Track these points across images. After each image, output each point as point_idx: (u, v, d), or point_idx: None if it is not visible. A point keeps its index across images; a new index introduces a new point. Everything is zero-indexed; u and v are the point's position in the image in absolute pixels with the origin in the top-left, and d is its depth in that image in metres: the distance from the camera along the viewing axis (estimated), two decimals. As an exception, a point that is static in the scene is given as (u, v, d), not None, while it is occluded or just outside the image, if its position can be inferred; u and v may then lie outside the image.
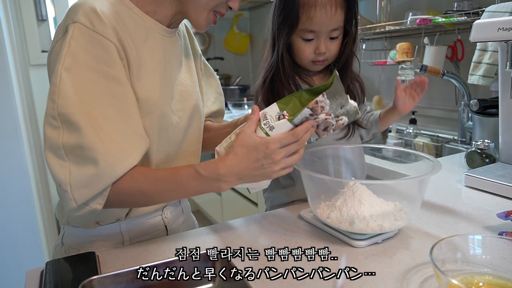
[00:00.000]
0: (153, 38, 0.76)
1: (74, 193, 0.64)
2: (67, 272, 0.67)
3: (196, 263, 0.66)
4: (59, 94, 0.63)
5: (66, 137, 0.64)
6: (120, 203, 0.71)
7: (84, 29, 0.65)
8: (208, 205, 3.00)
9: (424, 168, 0.76)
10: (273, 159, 0.65)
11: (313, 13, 0.85)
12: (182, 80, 0.84)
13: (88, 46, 0.65)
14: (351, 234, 0.74)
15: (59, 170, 0.64)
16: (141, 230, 0.85)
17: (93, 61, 0.65)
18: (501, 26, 0.95)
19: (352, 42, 0.93)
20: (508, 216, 0.75)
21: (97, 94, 0.65)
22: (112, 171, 0.65)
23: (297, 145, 0.67)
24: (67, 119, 0.63)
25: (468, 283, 0.58)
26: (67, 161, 0.64)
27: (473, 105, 1.27)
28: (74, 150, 0.64)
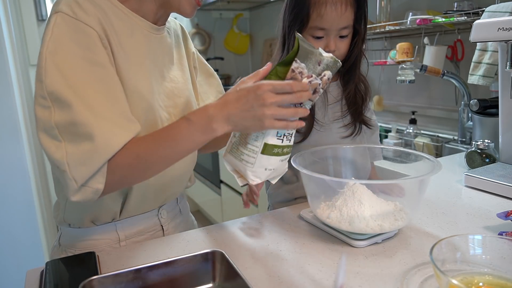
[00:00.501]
0: (139, 34, 0.76)
1: (73, 172, 0.63)
2: (67, 272, 0.67)
3: (196, 263, 0.66)
4: (45, 74, 0.63)
5: (58, 115, 0.63)
6: (121, 178, 0.69)
7: (66, 18, 0.65)
8: (208, 205, 3.00)
9: (424, 168, 0.76)
10: (263, 99, 0.62)
11: (324, 10, 0.86)
12: (173, 77, 0.84)
13: (71, 33, 0.65)
14: (351, 234, 0.74)
15: (55, 151, 0.63)
16: (137, 230, 0.85)
17: (76, 47, 0.65)
18: (501, 26, 0.95)
19: (361, 41, 0.94)
20: (508, 216, 0.75)
21: (82, 77, 0.65)
22: (108, 145, 0.64)
23: (292, 97, 0.63)
24: (57, 96, 0.63)
25: (468, 283, 0.58)
26: (62, 140, 0.63)
27: (473, 105, 1.27)
28: (67, 128, 0.63)
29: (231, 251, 0.73)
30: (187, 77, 0.89)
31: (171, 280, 0.64)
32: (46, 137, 0.64)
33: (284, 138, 0.67)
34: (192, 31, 3.14)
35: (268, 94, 0.62)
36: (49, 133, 0.64)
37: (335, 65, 0.66)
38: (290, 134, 0.68)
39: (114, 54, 0.70)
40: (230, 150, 0.70)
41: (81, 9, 0.67)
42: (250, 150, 0.67)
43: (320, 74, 0.65)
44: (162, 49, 0.82)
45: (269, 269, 0.67)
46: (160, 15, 0.79)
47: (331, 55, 0.65)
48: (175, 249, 0.76)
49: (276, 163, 0.68)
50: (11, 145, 1.74)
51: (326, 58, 0.64)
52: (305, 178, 0.80)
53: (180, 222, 0.95)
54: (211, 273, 0.66)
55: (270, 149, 0.66)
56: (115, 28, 0.71)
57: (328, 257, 0.70)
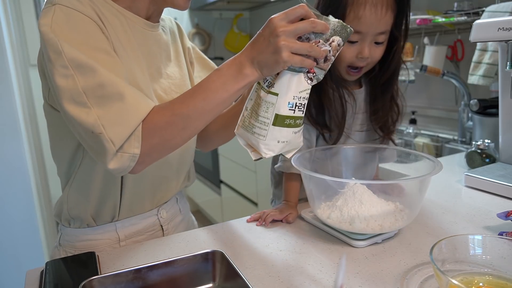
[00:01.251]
0: (134, 30, 0.76)
1: (109, 133, 0.62)
2: (67, 272, 0.67)
3: (196, 263, 0.66)
4: (62, 46, 0.63)
5: (83, 80, 0.62)
6: (160, 141, 0.66)
7: (64, 9, 0.65)
8: (208, 205, 3.00)
9: (424, 168, 0.76)
10: (276, 30, 0.58)
11: (362, 12, 0.78)
12: (170, 74, 0.84)
13: (71, 23, 0.65)
14: (351, 234, 0.74)
15: (86, 117, 0.62)
16: (136, 230, 0.85)
17: (78, 35, 0.65)
18: (501, 26, 0.95)
19: (401, 50, 0.86)
20: (508, 216, 0.75)
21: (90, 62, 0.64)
22: (140, 105, 0.64)
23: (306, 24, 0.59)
24: (79, 63, 0.62)
25: (468, 283, 0.58)
26: (91, 106, 0.62)
27: (473, 105, 1.27)
28: (96, 91, 0.62)
29: (231, 251, 0.73)
30: (184, 73, 0.89)
31: (171, 280, 0.64)
32: (74, 106, 0.63)
33: (296, 109, 0.64)
34: (192, 31, 3.14)
35: (280, 23, 0.59)
36: (76, 100, 0.62)
37: (344, 30, 0.61)
38: (302, 104, 0.65)
39: (113, 46, 0.70)
40: (242, 124, 0.67)
41: (79, 1, 0.67)
42: (261, 122, 0.64)
43: (328, 40, 0.61)
44: (158, 46, 0.82)
45: (269, 269, 0.67)
46: (153, 11, 0.79)
47: (338, 20, 0.61)
48: (175, 249, 0.76)
49: (289, 135, 0.65)
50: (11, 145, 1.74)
51: (333, 22, 0.61)
52: (305, 178, 0.80)
53: (180, 222, 0.95)
54: (211, 273, 0.66)
55: (282, 120, 0.63)
56: (111, 23, 0.71)
57: (328, 257, 0.70)
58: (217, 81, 0.64)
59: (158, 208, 0.88)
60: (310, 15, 0.59)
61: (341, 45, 0.62)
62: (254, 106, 0.65)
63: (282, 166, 0.92)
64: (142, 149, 0.65)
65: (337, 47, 0.62)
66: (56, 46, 0.63)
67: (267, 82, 0.64)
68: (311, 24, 0.58)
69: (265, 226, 0.83)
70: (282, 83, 0.62)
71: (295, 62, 0.60)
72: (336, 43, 0.62)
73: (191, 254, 0.66)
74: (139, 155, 0.65)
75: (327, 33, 0.60)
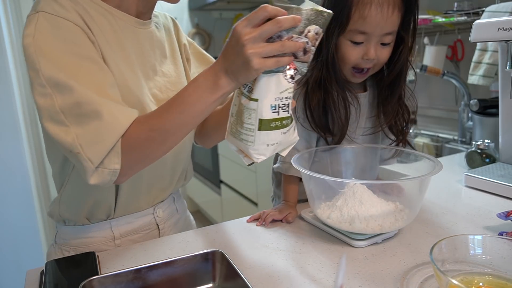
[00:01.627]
0: (123, 29, 0.75)
1: (87, 152, 0.62)
2: (67, 272, 0.67)
3: (196, 263, 0.66)
4: (39, 62, 0.63)
5: (60, 99, 0.63)
6: (140, 155, 0.67)
7: (48, 16, 0.65)
8: (208, 205, 3.00)
9: (424, 168, 0.76)
10: (241, 40, 0.56)
11: (368, 11, 0.75)
12: (166, 71, 0.83)
13: (54, 30, 0.65)
14: (351, 234, 0.74)
15: (65, 136, 0.63)
16: (132, 228, 0.85)
17: (61, 43, 0.65)
18: (501, 26, 0.95)
19: (408, 51, 0.83)
20: (508, 216, 0.75)
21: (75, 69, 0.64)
22: (118, 121, 0.64)
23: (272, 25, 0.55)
24: (56, 81, 0.62)
25: (468, 283, 0.58)
26: (69, 124, 0.63)
27: (473, 105, 1.27)
28: (73, 110, 0.63)
29: (231, 251, 0.73)
30: (180, 70, 0.88)
31: (171, 280, 0.64)
32: (53, 124, 0.63)
33: (280, 110, 0.61)
34: (192, 31, 3.14)
35: (244, 31, 0.56)
36: (55, 119, 0.63)
37: (320, 17, 0.58)
38: (286, 104, 0.62)
39: (101, 49, 0.70)
40: (230, 131, 0.66)
41: (61, 6, 0.66)
42: (246, 129, 0.62)
43: (303, 31, 0.58)
44: (151, 43, 0.81)
45: (269, 269, 0.67)
46: (143, 7, 0.78)
47: (311, 6, 0.57)
48: (175, 249, 0.76)
49: (278, 137, 0.63)
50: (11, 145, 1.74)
51: (306, 12, 0.57)
52: (305, 178, 0.80)
53: (177, 221, 0.95)
54: (211, 273, 0.66)
55: (267, 124, 0.61)
56: (98, 24, 0.70)
57: (328, 257, 0.70)
58: (193, 93, 0.63)
59: (154, 207, 0.88)
60: (275, 14, 0.55)
61: (320, 33, 0.59)
62: (238, 113, 0.63)
63: (281, 167, 0.91)
64: (123, 163, 0.65)
65: (315, 36, 0.59)
66: (34, 64, 0.63)
67: (247, 87, 0.61)
68: (277, 24, 0.55)
69: (265, 226, 0.83)
70: (260, 87, 0.60)
71: (269, 66, 0.57)
72: (313, 32, 0.58)
73: (191, 254, 0.66)
74: (119, 169, 0.65)
75: (299, 25, 0.57)
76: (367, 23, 0.76)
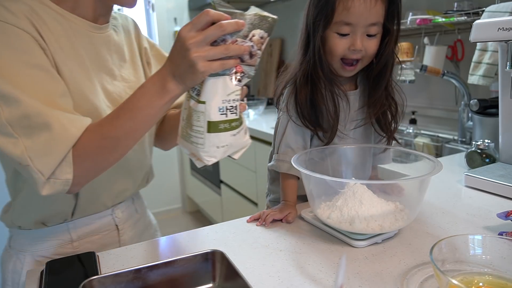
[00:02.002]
0: (78, 34, 0.74)
1: (36, 165, 0.61)
2: (67, 272, 0.67)
3: (196, 263, 0.66)
4: None
5: (7, 112, 0.61)
6: (92, 163, 0.67)
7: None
8: (208, 205, 3.00)
9: (424, 168, 0.76)
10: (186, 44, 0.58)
11: (351, 3, 0.78)
12: (125, 76, 0.83)
13: (3, 38, 0.63)
14: (351, 234, 0.74)
15: (14, 148, 0.61)
16: (89, 230, 0.84)
17: (10, 51, 0.63)
18: (501, 26, 0.95)
19: (393, 42, 0.85)
20: (508, 216, 0.75)
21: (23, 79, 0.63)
22: (68, 132, 0.63)
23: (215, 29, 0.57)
24: (2, 94, 0.61)
25: (468, 283, 0.58)
26: (17, 137, 0.61)
27: (473, 105, 1.27)
28: (21, 122, 0.61)
29: (231, 251, 0.73)
30: (140, 74, 0.87)
31: (171, 280, 0.64)
32: (1, 136, 0.62)
33: (228, 112, 0.62)
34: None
35: (188, 35, 0.57)
36: (2, 132, 0.62)
37: (264, 21, 0.60)
38: (234, 107, 0.63)
39: (53, 55, 0.68)
40: (181, 134, 0.67)
41: (9, 12, 0.64)
42: (196, 131, 0.63)
43: (248, 35, 0.60)
44: (108, 48, 0.79)
45: (269, 269, 0.67)
46: (100, 11, 0.76)
47: (255, 12, 0.60)
48: (175, 249, 0.76)
49: (228, 139, 0.64)
50: None
51: (249, 17, 0.59)
52: (305, 178, 0.80)
53: (137, 221, 0.94)
54: (211, 273, 0.66)
55: (215, 126, 0.62)
56: (50, 29, 0.69)
57: (328, 257, 0.70)
58: (141, 99, 0.63)
59: (113, 208, 0.87)
60: (218, 19, 0.57)
61: (265, 37, 0.62)
62: (188, 116, 0.64)
63: (275, 165, 0.91)
64: (75, 173, 0.64)
65: (260, 40, 0.61)
66: None
67: (196, 90, 0.63)
68: (220, 28, 0.57)
69: (265, 226, 0.84)
70: (207, 90, 0.61)
71: (215, 68, 0.59)
72: (257, 36, 0.60)
73: (191, 254, 0.66)
74: (72, 179, 0.64)
75: (243, 29, 0.59)
76: (351, 14, 0.79)
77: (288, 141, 0.89)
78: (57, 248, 0.81)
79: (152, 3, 3.02)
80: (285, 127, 0.90)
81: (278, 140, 0.92)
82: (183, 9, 3.14)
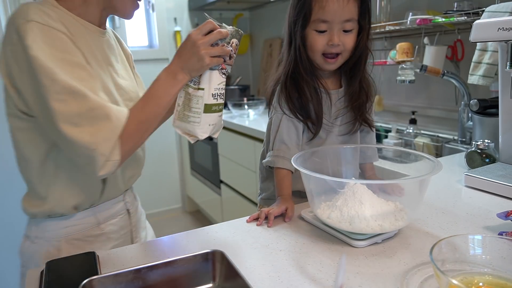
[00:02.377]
0: (92, 38, 0.83)
1: (101, 149, 0.72)
2: (67, 272, 0.67)
3: (196, 263, 0.66)
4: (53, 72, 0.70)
5: (75, 105, 0.71)
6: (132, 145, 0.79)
7: (40, 26, 0.71)
8: (208, 205, 3.00)
9: (424, 168, 0.76)
10: (196, 43, 0.76)
11: (325, 2, 0.88)
12: (124, 75, 0.94)
13: (47, 39, 0.71)
14: (351, 234, 0.74)
15: (82, 136, 0.72)
16: (109, 214, 0.93)
17: (56, 53, 0.72)
18: (501, 26, 0.95)
19: (366, 37, 0.95)
20: (508, 216, 0.75)
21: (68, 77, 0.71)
22: (119, 121, 0.75)
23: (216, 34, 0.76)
24: (72, 90, 0.71)
25: (468, 283, 0.58)
26: (84, 125, 0.72)
27: (473, 105, 1.27)
28: (87, 114, 0.72)
29: (231, 251, 0.73)
30: (130, 74, 0.99)
31: (171, 280, 0.64)
32: (69, 126, 0.71)
33: (218, 98, 0.81)
34: (192, 31, 3.14)
35: (198, 37, 0.76)
36: (71, 122, 0.71)
37: (237, 33, 0.80)
38: (221, 94, 0.81)
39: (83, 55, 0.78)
40: (177, 117, 0.82)
41: (49, 16, 0.73)
42: (194, 112, 0.80)
43: (229, 42, 0.79)
44: (110, 51, 0.90)
45: (269, 269, 0.67)
46: (103, 18, 0.87)
47: (232, 26, 0.79)
48: (175, 249, 0.76)
49: (215, 118, 0.82)
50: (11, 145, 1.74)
51: (230, 29, 0.79)
52: (305, 178, 0.80)
53: (137, 206, 1.05)
54: (211, 273, 0.66)
55: (210, 108, 0.80)
56: (72, 32, 0.77)
57: (328, 257, 0.70)
58: (159, 89, 0.79)
59: (124, 194, 0.97)
60: (216, 27, 0.77)
61: (238, 45, 0.81)
62: (185, 101, 0.81)
63: (270, 161, 0.96)
64: (121, 155, 0.75)
65: (236, 46, 0.80)
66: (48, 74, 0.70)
67: (193, 81, 0.80)
68: (219, 34, 0.77)
69: (269, 226, 0.84)
70: (205, 80, 0.79)
71: (215, 63, 0.77)
72: (235, 43, 0.80)
73: (191, 254, 0.66)
74: (119, 160, 0.75)
75: (227, 37, 0.78)
76: (327, 12, 0.88)
77: (282, 137, 0.96)
78: (89, 231, 0.90)
79: (152, 3, 3.02)
80: (279, 124, 0.97)
81: (273, 138, 0.98)
82: (183, 9, 3.14)
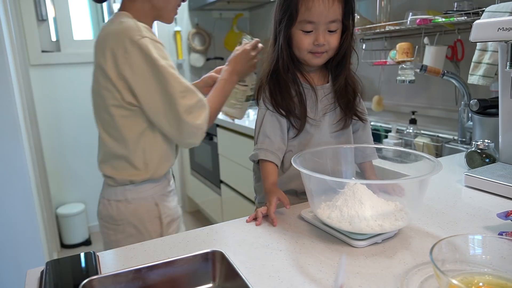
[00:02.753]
0: None
1: (204, 128, 1.03)
2: (67, 272, 0.67)
3: (196, 263, 0.66)
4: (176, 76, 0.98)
5: (190, 99, 1.00)
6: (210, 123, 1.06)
7: (151, 41, 0.97)
8: (208, 205, 3.00)
9: (424, 168, 0.76)
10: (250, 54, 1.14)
11: (311, 3, 0.90)
12: None
13: (158, 51, 0.98)
14: (351, 234, 0.74)
15: (197, 119, 1.01)
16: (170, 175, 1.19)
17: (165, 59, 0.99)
18: (501, 26, 0.95)
19: (350, 36, 0.98)
20: (508, 216, 0.75)
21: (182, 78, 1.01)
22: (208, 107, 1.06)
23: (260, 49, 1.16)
24: (188, 88, 1.00)
25: (468, 283, 0.58)
26: (195, 113, 1.01)
27: (473, 105, 1.27)
28: (197, 104, 1.01)
29: (231, 251, 0.73)
30: None
31: (171, 280, 0.64)
32: (189, 115, 1.00)
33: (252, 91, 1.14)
34: (192, 31, 3.14)
35: (251, 51, 1.14)
36: (190, 112, 1.00)
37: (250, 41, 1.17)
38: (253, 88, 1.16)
39: None
40: (226, 105, 1.18)
41: (151, 32, 1.00)
42: (240, 101, 1.20)
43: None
44: None
45: (269, 269, 0.67)
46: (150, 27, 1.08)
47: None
48: (175, 249, 0.76)
49: (247, 105, 1.21)
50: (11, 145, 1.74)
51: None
52: (305, 178, 0.80)
53: None
54: (211, 273, 0.67)
55: (249, 98, 1.20)
56: None
57: (328, 257, 0.70)
58: (226, 85, 1.13)
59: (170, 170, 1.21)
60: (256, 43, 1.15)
61: None
62: (233, 94, 1.17)
63: (254, 154, 1.00)
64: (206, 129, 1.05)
65: None
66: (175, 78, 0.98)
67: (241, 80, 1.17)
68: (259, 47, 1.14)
69: (274, 226, 0.83)
70: (248, 79, 1.18)
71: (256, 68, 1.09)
72: None
73: (191, 254, 0.66)
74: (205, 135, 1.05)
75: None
76: (312, 13, 0.91)
77: (265, 131, 1.00)
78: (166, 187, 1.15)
79: (152, 3, 3.02)
80: (262, 119, 1.01)
81: (257, 132, 1.02)
82: (183, 9, 3.13)
